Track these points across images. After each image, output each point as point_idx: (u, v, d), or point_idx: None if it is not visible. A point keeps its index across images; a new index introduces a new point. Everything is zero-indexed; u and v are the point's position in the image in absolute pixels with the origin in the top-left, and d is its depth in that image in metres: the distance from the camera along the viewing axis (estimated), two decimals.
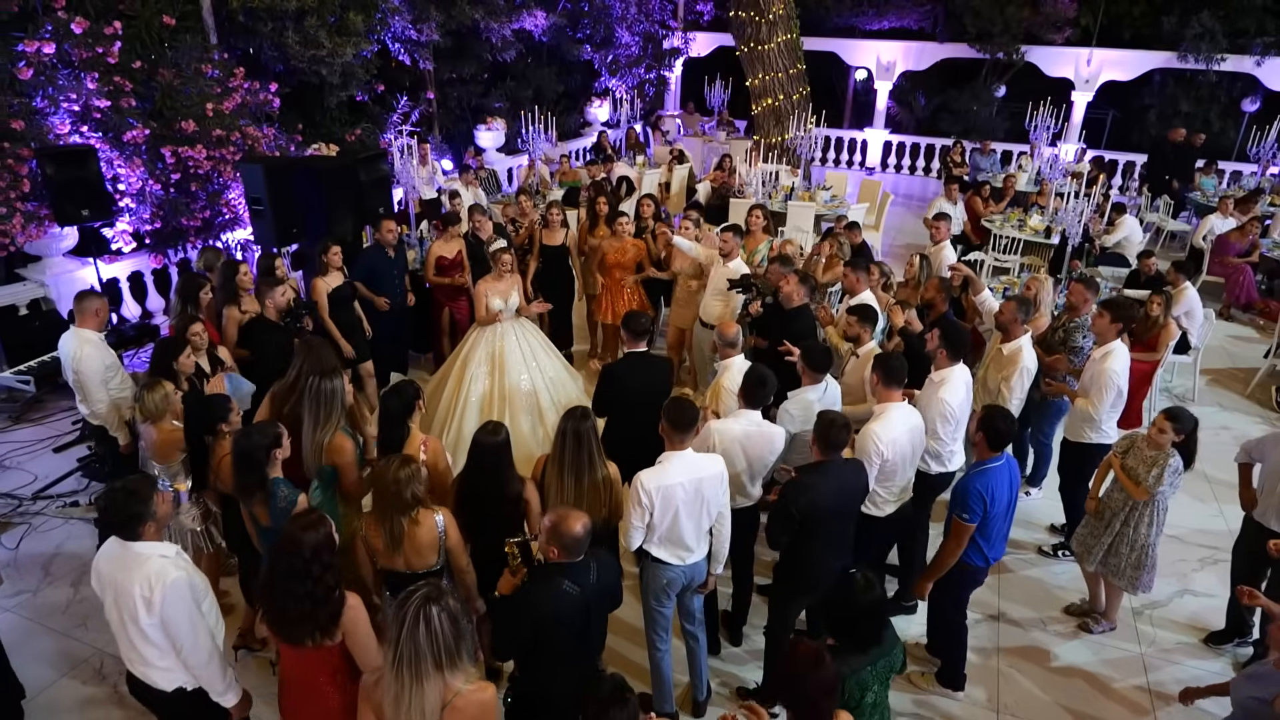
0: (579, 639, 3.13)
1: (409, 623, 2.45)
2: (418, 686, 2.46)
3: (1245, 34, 15.01)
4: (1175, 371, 8.00)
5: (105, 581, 2.95)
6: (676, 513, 3.58)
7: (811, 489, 3.64)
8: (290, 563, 2.77)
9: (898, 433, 4.03)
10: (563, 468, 3.68)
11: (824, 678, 2.56)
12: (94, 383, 4.92)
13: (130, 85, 7.12)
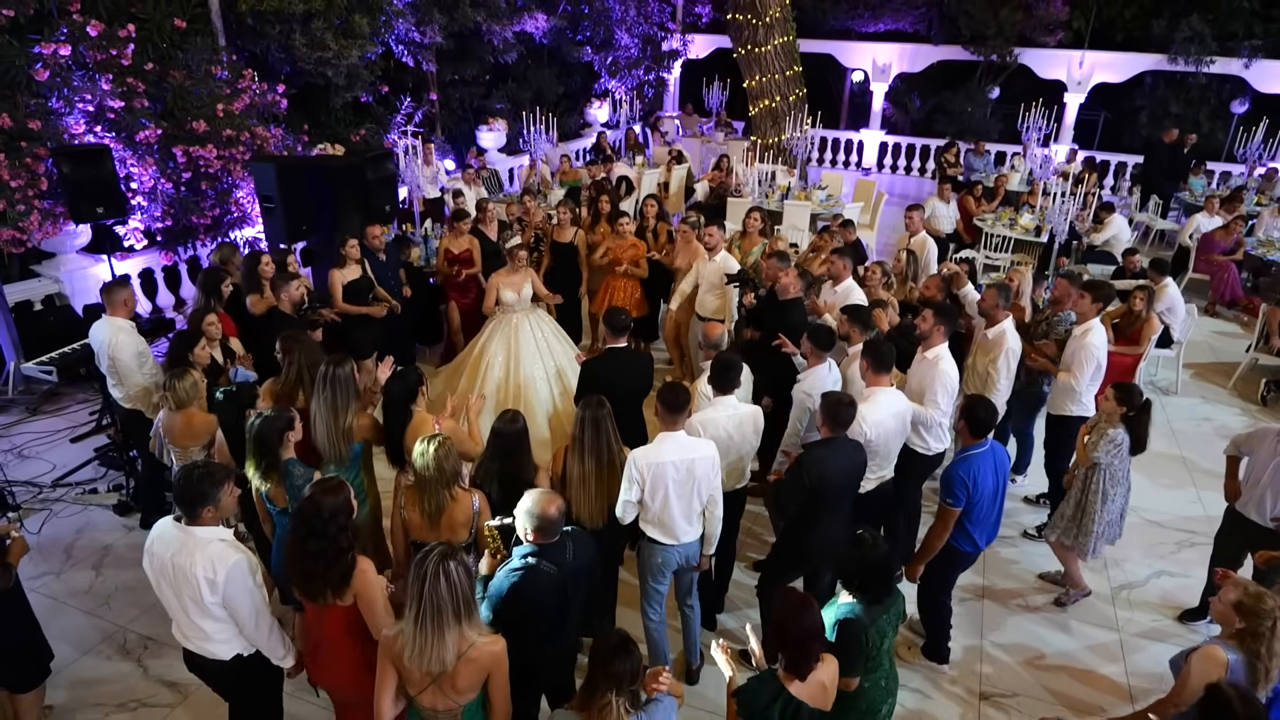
0: (559, 615, 3.32)
1: (430, 577, 2.64)
2: (439, 637, 2.67)
3: (1233, 37, 15.25)
4: (1159, 365, 8.22)
5: (161, 564, 3.11)
6: (666, 491, 3.77)
7: (823, 462, 3.87)
8: (310, 523, 2.97)
9: (883, 415, 4.25)
10: (583, 452, 3.87)
11: (810, 622, 2.77)
12: (130, 367, 5.13)
13: (143, 86, 7.32)
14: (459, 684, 2.78)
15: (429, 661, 2.70)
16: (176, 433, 4.32)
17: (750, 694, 2.80)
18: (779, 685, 2.78)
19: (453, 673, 2.75)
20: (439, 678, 2.75)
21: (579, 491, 3.89)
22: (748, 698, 2.80)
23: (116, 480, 5.95)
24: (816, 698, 2.82)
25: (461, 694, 2.82)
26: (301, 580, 3.06)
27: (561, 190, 11.06)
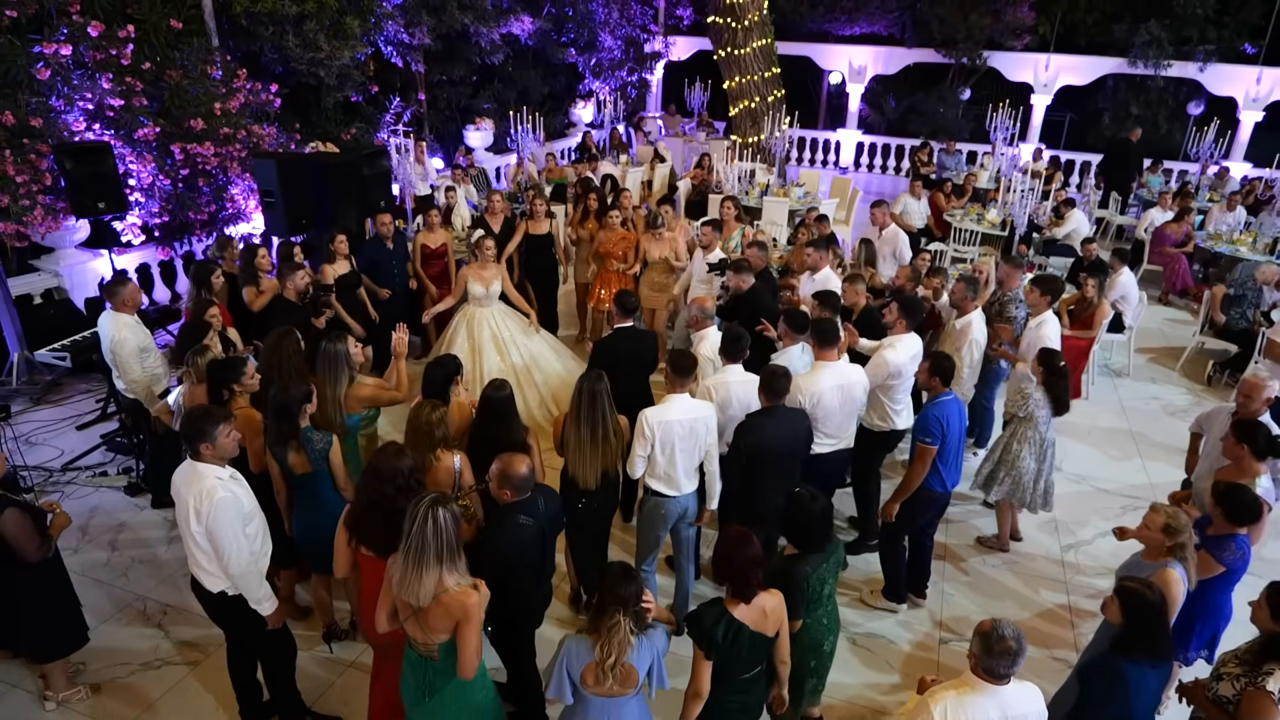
0: (540, 562, 3.69)
1: (419, 519, 2.92)
2: (418, 574, 2.93)
3: (1189, 42, 15.90)
4: (1113, 350, 8.71)
5: (175, 493, 3.50)
6: (673, 446, 4.17)
7: (758, 429, 4.25)
8: (394, 484, 3.32)
9: (822, 387, 4.64)
10: (579, 421, 4.23)
11: (751, 552, 3.14)
12: (131, 363, 5.37)
13: (140, 85, 7.58)
14: (431, 623, 3.00)
15: (408, 594, 2.97)
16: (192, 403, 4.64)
17: (698, 617, 3.17)
18: (723, 609, 3.15)
19: (426, 611, 2.98)
20: (417, 612, 3.00)
21: (575, 456, 4.26)
22: (696, 620, 3.18)
23: (126, 464, 6.22)
24: (758, 622, 3.18)
25: (434, 633, 3.03)
26: (381, 542, 3.34)
27: (549, 188, 11.41)
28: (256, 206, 8.85)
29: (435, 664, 3.09)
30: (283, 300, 5.80)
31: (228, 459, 3.54)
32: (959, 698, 2.81)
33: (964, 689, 2.84)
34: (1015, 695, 2.84)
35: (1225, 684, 3.18)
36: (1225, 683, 3.18)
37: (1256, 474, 4.27)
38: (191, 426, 3.43)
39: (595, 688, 2.98)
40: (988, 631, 2.79)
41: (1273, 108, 15.53)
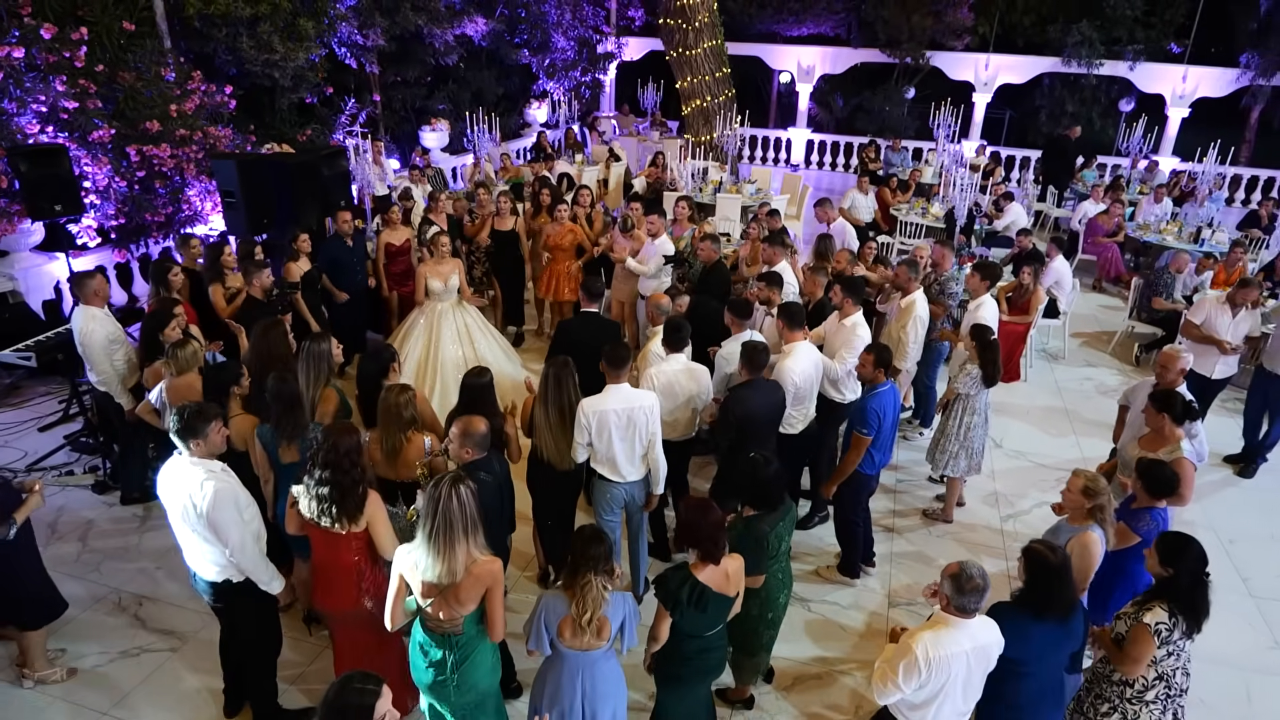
0: (499, 515, 3.92)
1: (443, 498, 3.07)
2: (450, 550, 3.09)
3: (1119, 42, 16.69)
4: (1050, 335, 9.20)
5: (166, 491, 3.60)
6: (610, 434, 4.38)
7: (747, 400, 4.56)
8: (325, 457, 3.42)
9: (805, 364, 4.97)
10: (547, 404, 4.45)
11: (715, 517, 3.39)
12: (99, 355, 5.42)
13: (94, 87, 7.57)
14: (462, 596, 3.15)
15: (440, 574, 3.11)
16: (177, 397, 4.75)
17: (665, 579, 3.43)
18: (688, 573, 3.40)
19: (458, 585, 3.13)
20: (445, 589, 3.16)
21: (544, 437, 4.47)
22: (662, 582, 3.43)
23: (92, 463, 6.25)
24: (720, 584, 3.43)
25: (464, 605, 3.18)
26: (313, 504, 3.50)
27: (506, 186, 11.55)
28: (214, 208, 8.88)
29: (459, 638, 3.26)
30: (249, 298, 5.90)
31: (216, 455, 3.66)
32: (935, 634, 3.09)
33: (939, 626, 3.12)
34: (980, 627, 3.14)
35: (1120, 623, 3.51)
36: (1120, 622, 3.51)
37: (1177, 439, 4.64)
38: (184, 425, 3.53)
39: (572, 640, 3.19)
40: (957, 573, 3.07)
41: (1198, 104, 16.38)
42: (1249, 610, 5.35)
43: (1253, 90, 16.93)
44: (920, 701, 3.14)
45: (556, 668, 3.31)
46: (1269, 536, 6.14)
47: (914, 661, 3.02)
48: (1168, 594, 3.37)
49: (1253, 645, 5.05)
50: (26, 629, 4.25)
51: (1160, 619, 3.31)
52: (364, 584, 3.65)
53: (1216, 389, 6.94)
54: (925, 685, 3.06)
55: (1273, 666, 4.89)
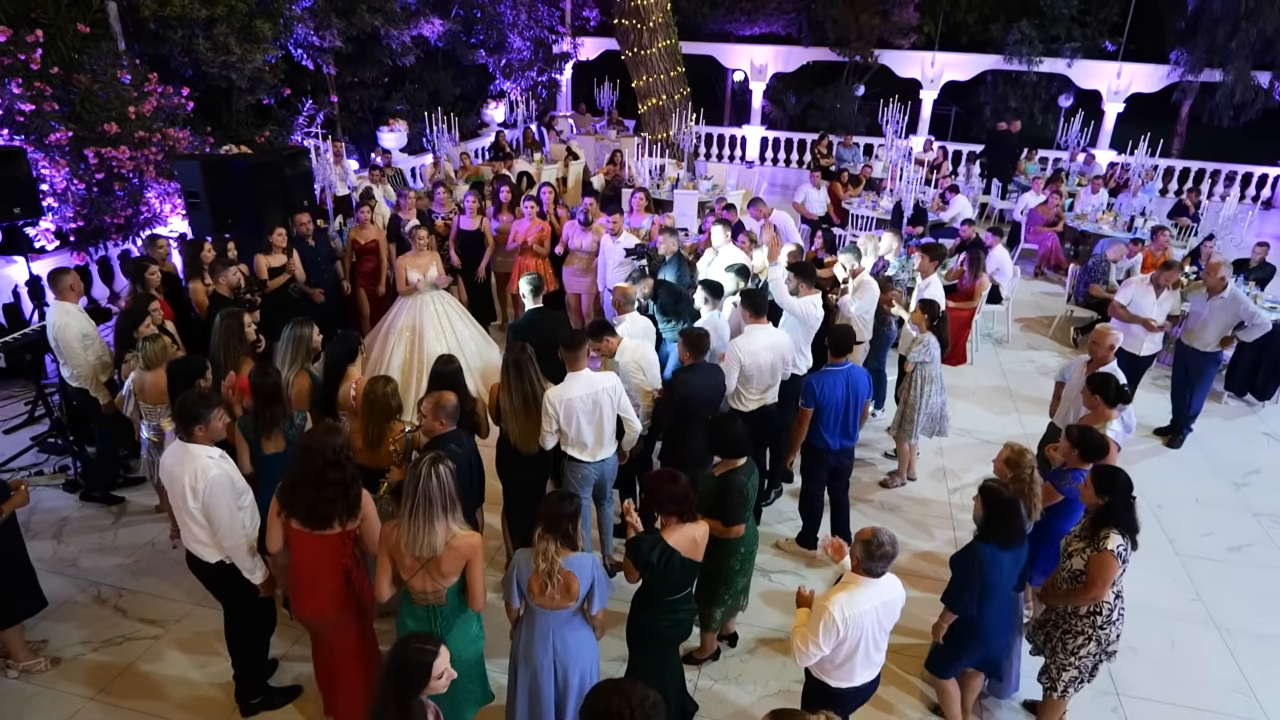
0: (469, 488, 4.09)
1: (423, 477, 3.26)
2: (429, 527, 3.29)
3: (1057, 40, 17.35)
4: (994, 320, 9.64)
5: (166, 474, 3.74)
6: (577, 419, 4.61)
7: (690, 383, 4.81)
8: (324, 458, 3.44)
9: (757, 346, 5.22)
10: (510, 390, 4.63)
11: (678, 487, 3.64)
12: (74, 348, 5.50)
13: (50, 90, 7.56)
14: (444, 568, 3.35)
15: (420, 547, 3.29)
16: (147, 390, 4.86)
17: (637, 543, 3.66)
18: (658, 537, 3.64)
19: (439, 558, 3.32)
20: (428, 563, 3.35)
21: (510, 422, 4.67)
22: (634, 546, 3.67)
23: (62, 462, 6.30)
24: (688, 549, 3.68)
25: (445, 577, 3.38)
26: (309, 515, 3.50)
27: (465, 186, 11.68)
28: (173, 210, 8.89)
29: (442, 609, 3.46)
30: (216, 295, 6.00)
31: (216, 441, 3.79)
32: (848, 594, 3.38)
33: (850, 586, 3.41)
34: (887, 584, 3.45)
35: (1075, 559, 3.83)
36: (1075, 558, 3.83)
37: (1109, 419, 4.99)
38: (188, 410, 3.65)
39: (539, 597, 3.40)
40: (869, 539, 3.36)
41: (1132, 99, 17.09)
42: (1174, 567, 5.79)
43: (1182, 86, 17.72)
44: (840, 659, 3.42)
45: (529, 626, 3.53)
46: (1193, 500, 6.61)
47: (832, 621, 3.29)
48: (1110, 519, 3.76)
49: (1176, 598, 5.48)
50: (5, 625, 4.32)
51: (1119, 541, 3.71)
52: (350, 587, 3.70)
53: (1145, 365, 7.38)
54: (844, 642, 3.35)
55: (1193, 616, 5.33)
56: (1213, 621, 5.27)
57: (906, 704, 4.51)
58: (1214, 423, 7.84)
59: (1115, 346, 5.59)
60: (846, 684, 3.46)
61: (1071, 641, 3.93)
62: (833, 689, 3.49)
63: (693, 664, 4.63)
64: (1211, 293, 7.12)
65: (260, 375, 4.26)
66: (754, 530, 4.37)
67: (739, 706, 4.45)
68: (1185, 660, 4.94)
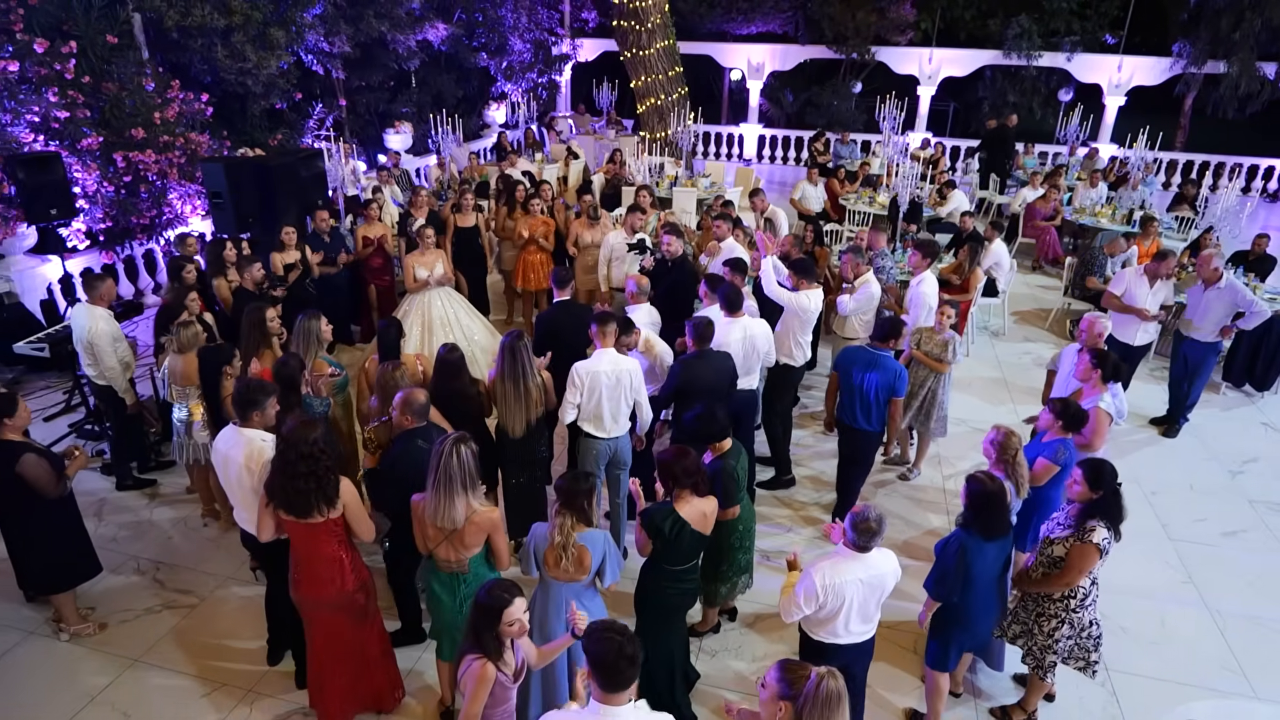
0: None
1: (446, 456, 3.56)
2: (449, 501, 3.59)
3: (1056, 34, 17.52)
4: (990, 313, 9.89)
5: (221, 458, 4.02)
6: (600, 393, 4.90)
7: (691, 369, 5.09)
8: (299, 450, 3.56)
9: (731, 338, 5.49)
10: (504, 377, 4.91)
11: (690, 462, 3.92)
12: (106, 350, 5.79)
13: (81, 97, 7.89)
14: (466, 540, 3.65)
15: (443, 519, 3.61)
16: (178, 373, 5.19)
17: (650, 514, 3.94)
18: (671, 509, 3.92)
19: (461, 531, 3.62)
20: (450, 534, 3.66)
21: (503, 407, 4.95)
22: (648, 517, 3.95)
23: (98, 447, 6.63)
24: (698, 522, 3.95)
25: (468, 549, 3.69)
26: (291, 504, 3.63)
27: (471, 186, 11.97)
28: (193, 210, 9.22)
29: (465, 576, 3.77)
30: (241, 289, 6.31)
31: (269, 428, 4.08)
32: (832, 564, 3.65)
33: (836, 559, 3.68)
34: (876, 558, 3.69)
35: (1057, 546, 4.03)
36: (1057, 545, 4.03)
37: (1104, 391, 5.25)
38: (248, 396, 3.96)
39: (555, 570, 3.69)
40: (856, 514, 3.64)
41: (1133, 93, 17.26)
42: (1167, 551, 5.97)
43: (1185, 78, 17.77)
44: (823, 619, 3.71)
45: (544, 597, 3.81)
46: (1187, 487, 6.78)
47: (813, 587, 3.59)
48: (1098, 511, 3.95)
49: (1168, 581, 5.66)
50: (59, 591, 4.67)
51: (1104, 535, 3.91)
52: (346, 574, 3.84)
53: (1139, 355, 7.55)
54: (825, 606, 3.64)
55: (1184, 598, 5.50)
56: (1204, 603, 5.41)
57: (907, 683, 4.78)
58: (1212, 412, 8.01)
59: (1103, 334, 5.84)
60: (832, 640, 3.75)
61: (1046, 624, 4.14)
62: (817, 643, 3.79)
63: (695, 636, 4.91)
64: (1207, 283, 7.22)
65: (280, 364, 4.58)
66: (749, 509, 4.64)
67: (739, 674, 4.74)
68: (1175, 639, 5.10)
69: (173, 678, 4.57)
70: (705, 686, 4.62)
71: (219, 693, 4.47)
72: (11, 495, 4.40)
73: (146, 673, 4.60)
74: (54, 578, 4.67)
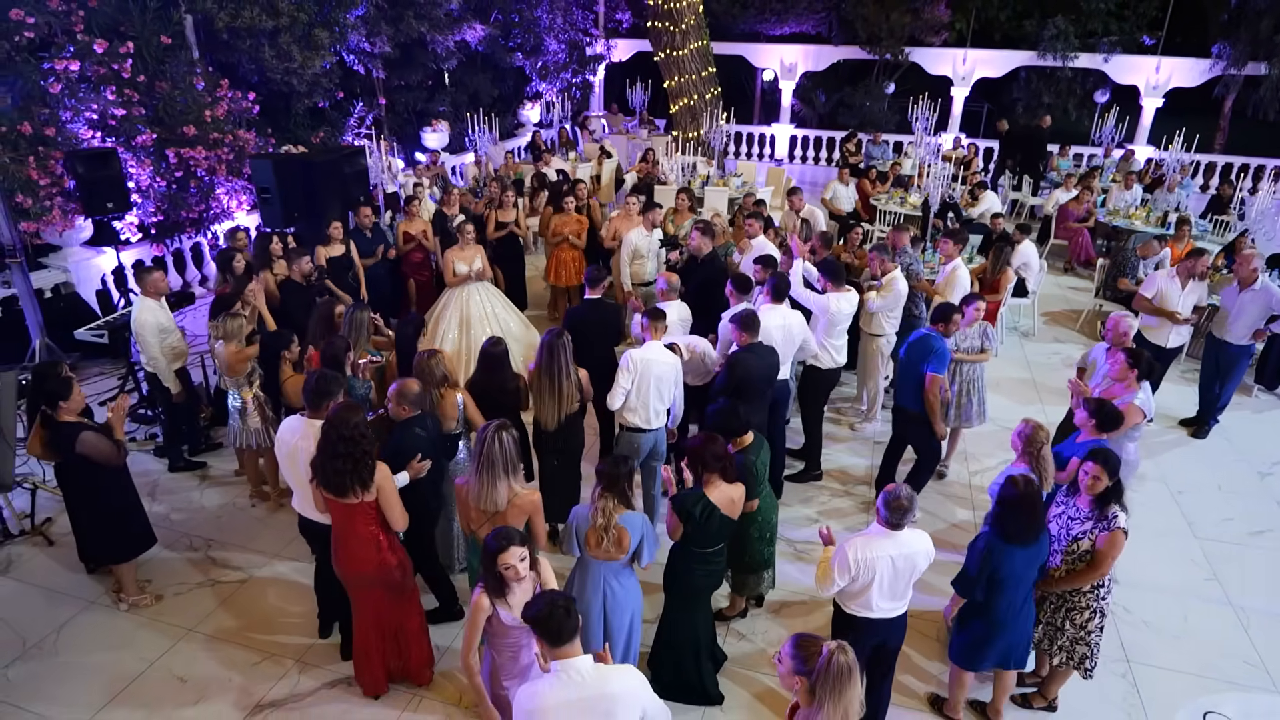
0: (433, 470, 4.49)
1: (489, 442, 3.77)
2: (493, 485, 3.80)
3: (1093, 35, 17.37)
4: (1020, 313, 9.92)
5: (290, 448, 4.20)
6: (648, 384, 5.07)
7: (744, 363, 5.25)
8: (340, 432, 3.78)
9: (770, 325, 5.64)
10: (542, 372, 5.09)
11: (719, 448, 4.08)
12: (149, 340, 6.05)
13: (137, 96, 8.22)
14: (508, 521, 3.78)
15: (486, 502, 3.81)
16: (223, 361, 5.47)
17: (681, 499, 4.10)
18: (701, 493, 4.08)
19: (504, 513, 3.83)
20: (493, 516, 3.84)
21: (538, 401, 5.12)
22: (679, 500, 4.11)
23: (151, 430, 6.95)
24: (726, 507, 4.10)
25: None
26: (330, 483, 3.84)
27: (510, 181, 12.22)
28: (238, 205, 9.54)
29: None
30: (289, 281, 6.56)
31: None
32: (865, 540, 3.80)
33: (869, 534, 3.82)
34: (908, 537, 3.82)
35: (1082, 543, 4.09)
36: (1082, 542, 4.09)
37: (1136, 388, 5.32)
38: (323, 387, 4.16)
39: (595, 549, 3.86)
40: (889, 492, 3.76)
41: (1171, 94, 17.05)
42: (1192, 548, 5.99)
43: (1225, 80, 17.56)
44: (856, 591, 3.85)
45: (583, 574, 3.99)
46: (1215, 487, 6.79)
47: (846, 560, 3.74)
48: (1115, 496, 4.06)
49: (1192, 578, 5.69)
50: (121, 561, 4.95)
51: (1126, 519, 4.03)
52: (384, 552, 4.04)
53: (1171, 357, 7.57)
54: (857, 580, 3.78)
55: (1207, 594, 5.54)
56: (1228, 599, 5.46)
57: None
58: (1242, 414, 8.00)
59: (1129, 334, 5.89)
60: (864, 614, 3.88)
61: (1078, 617, 4.21)
62: (850, 616, 3.93)
63: (722, 620, 5.05)
64: (1243, 285, 7.20)
65: (327, 344, 4.86)
66: (770, 502, 4.77)
67: (765, 656, 4.88)
68: (1197, 634, 5.15)
69: (225, 647, 4.82)
70: (733, 668, 4.76)
71: (268, 661, 4.71)
72: (75, 473, 4.69)
73: (200, 642, 4.86)
74: (115, 549, 4.94)
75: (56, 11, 7.55)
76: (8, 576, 5.37)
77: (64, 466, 4.72)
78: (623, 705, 2.82)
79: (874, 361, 7.16)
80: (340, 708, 4.43)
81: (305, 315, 5.92)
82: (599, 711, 2.80)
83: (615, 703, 2.81)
